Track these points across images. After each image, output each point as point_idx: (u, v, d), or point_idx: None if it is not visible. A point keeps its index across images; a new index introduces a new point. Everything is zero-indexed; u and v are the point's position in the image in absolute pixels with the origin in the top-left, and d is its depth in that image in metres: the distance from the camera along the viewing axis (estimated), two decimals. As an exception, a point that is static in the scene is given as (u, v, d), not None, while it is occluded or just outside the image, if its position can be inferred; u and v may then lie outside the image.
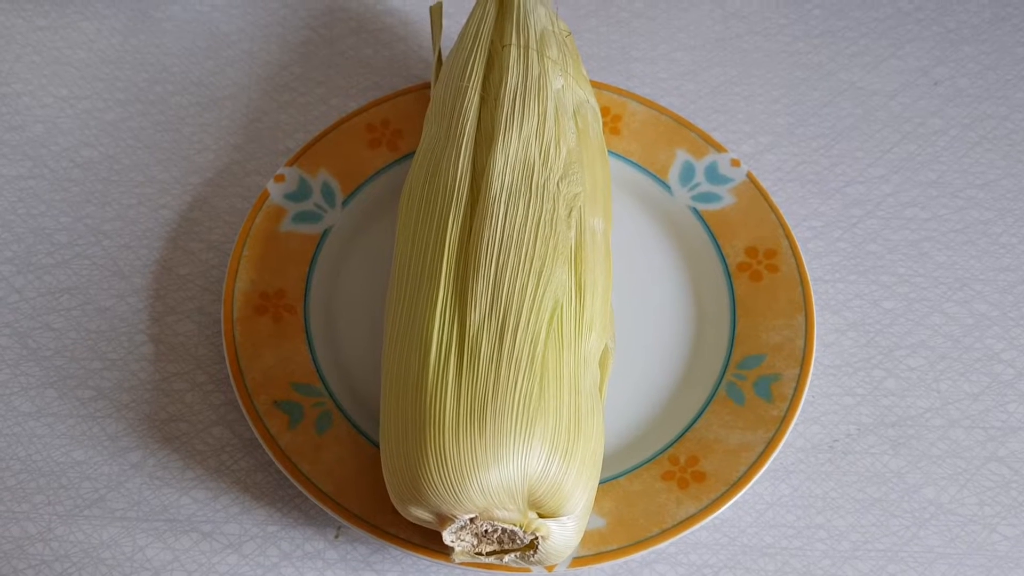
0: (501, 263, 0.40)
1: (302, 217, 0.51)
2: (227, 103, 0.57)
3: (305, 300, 0.49)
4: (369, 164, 0.53)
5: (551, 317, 0.40)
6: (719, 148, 0.53)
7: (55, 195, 0.54)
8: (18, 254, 0.52)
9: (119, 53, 0.59)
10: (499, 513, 0.37)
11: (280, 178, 0.51)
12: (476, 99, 0.46)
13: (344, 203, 0.52)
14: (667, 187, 0.53)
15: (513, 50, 0.47)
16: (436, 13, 0.55)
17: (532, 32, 0.48)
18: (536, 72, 0.46)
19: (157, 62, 0.59)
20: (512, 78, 0.46)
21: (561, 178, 0.44)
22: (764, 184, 0.55)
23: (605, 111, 0.54)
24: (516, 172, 0.43)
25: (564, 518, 0.38)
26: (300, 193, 0.51)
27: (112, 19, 0.60)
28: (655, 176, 0.53)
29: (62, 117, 0.56)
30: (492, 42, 0.49)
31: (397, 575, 0.44)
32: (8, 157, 0.55)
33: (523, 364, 0.38)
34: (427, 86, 0.55)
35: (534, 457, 0.37)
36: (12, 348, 0.49)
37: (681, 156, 0.53)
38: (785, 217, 0.53)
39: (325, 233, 0.51)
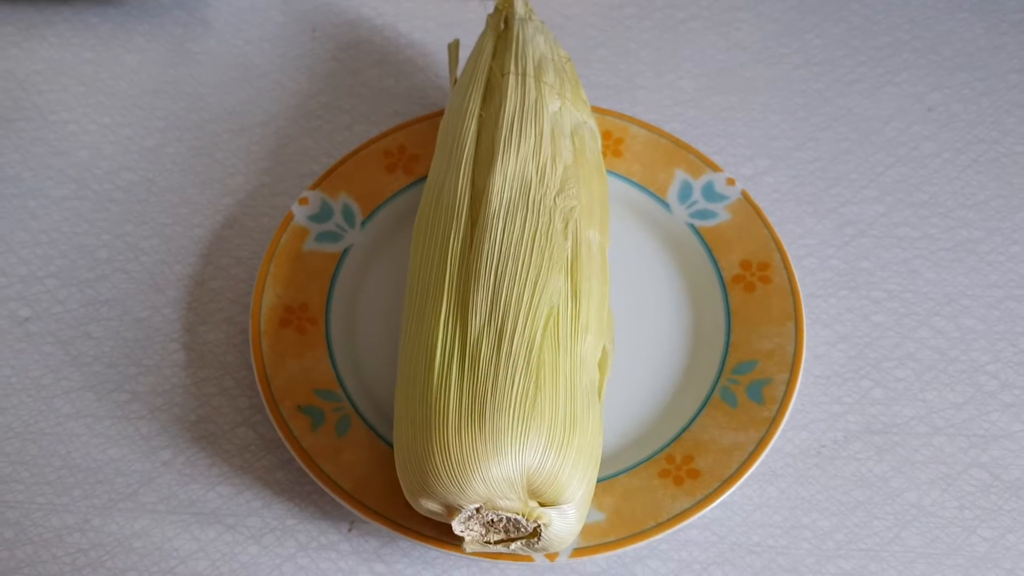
0: (499, 274, 0.44)
1: (324, 237, 0.54)
2: (258, 130, 0.61)
3: (326, 313, 0.52)
4: (386, 187, 0.56)
5: (547, 321, 0.43)
6: (715, 168, 0.56)
7: (97, 215, 0.58)
8: (62, 268, 0.56)
9: (159, 84, 0.63)
10: (502, 502, 0.40)
11: (304, 201, 0.55)
12: (474, 124, 0.50)
13: (363, 224, 0.55)
14: (666, 205, 0.56)
15: (512, 78, 0.50)
16: (453, 49, 0.59)
17: (530, 60, 0.51)
18: (533, 96, 0.50)
19: (194, 92, 0.63)
20: (510, 103, 0.49)
21: (558, 193, 0.47)
22: (762, 204, 0.57)
23: (608, 135, 0.57)
24: (514, 189, 0.46)
25: (564, 506, 0.41)
26: (322, 215, 0.55)
27: (152, 52, 0.65)
28: (655, 195, 0.56)
29: (105, 143, 0.61)
30: (491, 71, 0.52)
31: (405, 566, 0.47)
32: (55, 180, 0.59)
33: (519, 365, 0.41)
34: (441, 113, 0.58)
35: (531, 449, 0.40)
36: (55, 354, 0.53)
37: (680, 176, 0.56)
38: (780, 235, 0.55)
39: (345, 251, 0.54)
